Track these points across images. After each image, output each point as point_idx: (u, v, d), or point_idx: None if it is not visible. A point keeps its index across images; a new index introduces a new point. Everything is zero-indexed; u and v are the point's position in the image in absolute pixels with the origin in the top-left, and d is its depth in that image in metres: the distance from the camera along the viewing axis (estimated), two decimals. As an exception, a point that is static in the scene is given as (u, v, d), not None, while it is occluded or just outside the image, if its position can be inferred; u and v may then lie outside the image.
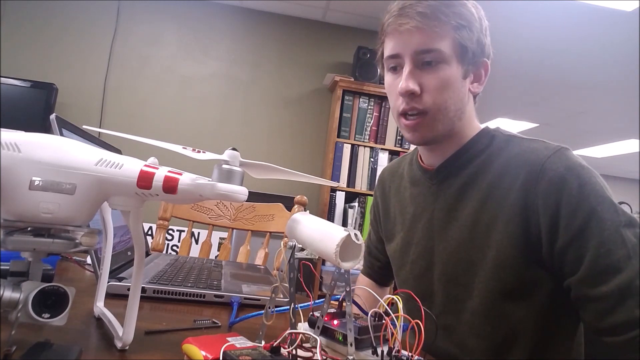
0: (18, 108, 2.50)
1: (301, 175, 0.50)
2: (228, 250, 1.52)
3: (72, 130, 0.71)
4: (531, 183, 0.67)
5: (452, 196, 0.77)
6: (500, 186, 0.71)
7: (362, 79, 2.79)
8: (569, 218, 0.64)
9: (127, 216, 0.44)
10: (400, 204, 0.90)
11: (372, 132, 2.83)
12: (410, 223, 0.85)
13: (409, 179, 0.88)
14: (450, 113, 0.73)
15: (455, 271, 0.74)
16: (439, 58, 0.70)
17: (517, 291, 0.69)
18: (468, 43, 0.71)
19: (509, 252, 0.68)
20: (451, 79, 0.72)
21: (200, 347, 0.42)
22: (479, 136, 0.78)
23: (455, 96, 0.73)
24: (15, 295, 0.38)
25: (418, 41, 0.70)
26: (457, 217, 0.75)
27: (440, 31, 0.69)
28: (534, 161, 0.68)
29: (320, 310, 0.46)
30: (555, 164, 0.66)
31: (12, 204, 0.38)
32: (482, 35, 0.74)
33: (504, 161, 0.72)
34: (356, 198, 2.76)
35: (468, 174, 0.76)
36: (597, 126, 4.79)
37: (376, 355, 0.43)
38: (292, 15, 3.13)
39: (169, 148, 0.43)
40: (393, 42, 0.74)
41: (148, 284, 0.73)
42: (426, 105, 0.72)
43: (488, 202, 0.72)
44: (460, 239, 0.74)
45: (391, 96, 0.77)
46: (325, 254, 0.43)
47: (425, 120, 0.73)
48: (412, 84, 0.71)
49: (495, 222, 0.70)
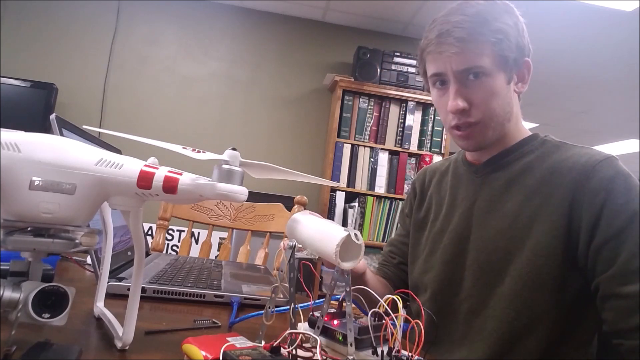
0: (18, 108, 2.50)
1: (301, 175, 0.50)
2: (228, 250, 1.52)
3: (72, 130, 0.71)
4: (581, 180, 0.70)
5: (497, 188, 0.80)
6: (550, 183, 0.74)
7: (362, 79, 2.79)
8: (611, 217, 0.66)
9: (127, 216, 0.44)
10: (438, 195, 0.92)
11: (372, 132, 2.83)
12: (447, 211, 0.87)
13: (452, 174, 0.91)
14: (500, 119, 0.77)
15: (490, 258, 0.76)
16: (482, 72, 0.73)
17: (549, 283, 0.71)
18: (508, 53, 0.74)
19: (549, 242, 0.70)
20: (496, 88, 0.75)
21: (200, 347, 0.42)
22: (531, 138, 0.82)
23: (503, 102, 0.76)
24: (15, 295, 0.38)
25: (459, 62, 0.73)
26: (500, 208, 0.78)
27: (479, 51, 0.72)
28: (586, 162, 0.71)
29: (320, 310, 0.46)
30: (606, 167, 0.70)
31: (12, 204, 0.38)
32: (521, 38, 0.76)
33: (555, 161, 0.76)
34: (356, 198, 2.76)
35: (516, 170, 0.79)
36: (597, 126, 4.79)
37: (376, 355, 0.43)
38: (292, 15, 3.13)
39: (169, 148, 0.43)
40: (435, 63, 0.77)
41: (148, 284, 0.73)
42: (477, 117, 0.75)
43: (535, 196, 0.74)
44: (500, 228, 0.76)
45: (441, 111, 0.81)
46: (325, 254, 0.43)
47: (477, 129, 0.77)
48: (460, 102, 0.74)
49: (539, 214, 0.73)
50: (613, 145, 5.44)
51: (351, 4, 2.87)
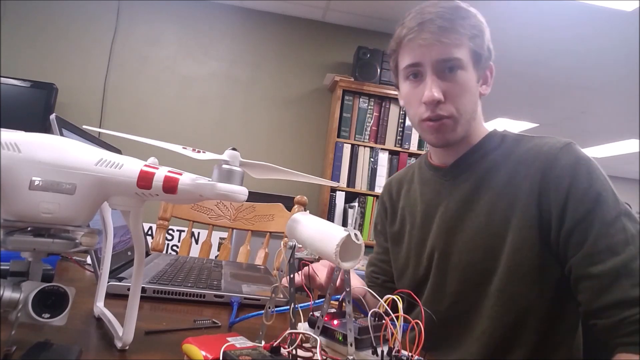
0: (18, 108, 2.50)
1: (301, 175, 0.50)
2: (228, 250, 1.52)
3: (72, 130, 0.71)
4: (545, 170, 0.72)
5: (467, 189, 0.80)
6: (517, 176, 0.75)
7: (362, 79, 2.79)
8: (577, 202, 0.69)
9: (127, 216, 0.44)
10: (410, 206, 0.92)
11: (372, 132, 2.83)
12: (422, 220, 0.87)
13: (419, 181, 0.91)
14: (468, 116, 0.79)
15: (473, 258, 0.77)
16: (459, 66, 0.75)
17: (531, 274, 0.72)
18: (481, 50, 0.77)
19: (527, 235, 0.72)
20: (469, 84, 0.77)
21: (200, 347, 0.42)
22: (491, 135, 0.84)
23: (472, 100, 0.79)
24: (15, 295, 0.38)
25: (439, 52, 0.74)
26: (473, 208, 0.79)
27: (458, 42, 0.75)
28: (548, 151, 0.73)
29: (320, 310, 0.46)
30: (567, 153, 0.72)
31: (12, 204, 0.38)
32: (489, 41, 0.80)
33: (519, 155, 0.77)
34: (356, 198, 2.76)
35: (483, 169, 0.80)
36: (597, 126, 4.80)
37: (376, 355, 0.43)
38: (292, 15, 3.13)
39: (169, 148, 0.43)
40: (413, 52, 0.77)
41: (148, 284, 0.73)
42: (449, 111, 0.76)
43: (505, 191, 0.76)
44: (477, 227, 0.77)
45: (411, 104, 0.81)
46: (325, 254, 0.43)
47: (448, 123, 0.77)
48: (437, 93, 0.74)
49: (513, 208, 0.74)
50: (613, 145, 5.44)
51: (351, 4, 2.87)
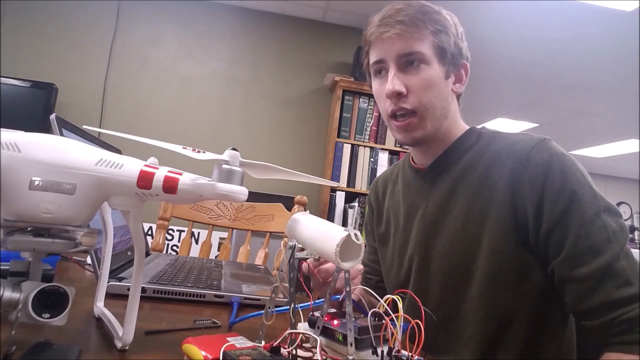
0: (18, 108, 2.50)
1: (301, 175, 0.50)
2: (228, 250, 1.52)
3: (72, 130, 0.71)
4: (518, 170, 0.71)
5: (445, 191, 0.80)
6: (491, 176, 0.74)
7: (362, 79, 2.78)
8: (552, 202, 0.67)
9: (127, 216, 0.44)
10: (394, 207, 0.92)
11: (372, 132, 2.83)
12: (405, 222, 0.87)
13: (402, 182, 0.91)
14: (437, 112, 0.78)
15: (452, 262, 0.76)
16: (421, 59, 0.76)
17: (511, 277, 0.71)
18: (446, 45, 0.77)
19: (502, 238, 0.71)
20: (434, 78, 0.77)
21: (200, 347, 0.42)
22: (466, 134, 0.83)
23: (440, 95, 0.78)
24: (15, 295, 0.38)
25: (400, 46, 0.76)
26: (450, 210, 0.78)
27: (419, 36, 0.75)
28: (520, 150, 0.72)
29: (320, 310, 0.46)
30: (540, 152, 0.70)
31: (12, 204, 0.38)
32: (459, 40, 0.80)
33: (492, 154, 0.76)
34: (356, 198, 2.76)
35: (459, 170, 0.79)
36: (597, 126, 4.79)
37: (376, 355, 0.43)
38: (292, 15, 3.13)
39: (169, 148, 0.43)
40: (377, 49, 0.79)
41: (148, 284, 0.73)
42: (413, 104, 0.76)
43: (480, 192, 0.75)
44: (455, 231, 0.76)
45: (380, 100, 0.82)
46: (325, 254, 0.43)
47: (415, 120, 0.77)
48: (397, 85, 0.75)
49: (488, 210, 0.73)
50: (613, 145, 5.44)
51: (351, 4, 2.87)
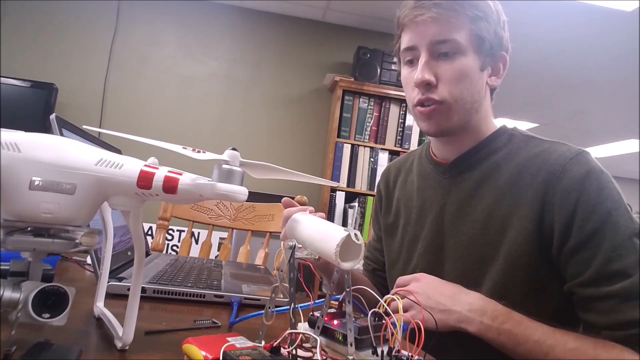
0: (18, 108, 2.50)
1: (301, 175, 0.50)
2: (228, 250, 1.52)
3: (72, 130, 0.71)
4: (551, 181, 0.67)
5: (466, 191, 0.76)
6: (519, 183, 0.70)
7: (362, 79, 2.79)
8: (584, 219, 0.63)
9: (127, 216, 0.44)
10: (405, 197, 0.88)
11: (372, 132, 2.83)
12: (417, 216, 0.83)
13: (417, 172, 0.87)
14: (467, 104, 0.73)
15: (465, 267, 0.74)
16: (455, 48, 0.70)
17: (527, 289, 0.68)
18: (485, 34, 0.71)
19: (523, 249, 0.68)
20: (468, 69, 0.71)
21: (200, 347, 0.42)
22: (497, 133, 0.78)
23: (472, 87, 0.72)
24: (15, 295, 0.38)
25: (434, 32, 0.70)
26: (470, 212, 0.75)
27: (456, 21, 0.69)
28: (556, 161, 0.68)
29: (320, 310, 0.46)
30: (577, 165, 0.66)
31: (12, 204, 0.38)
32: (500, 29, 0.74)
33: (524, 159, 0.72)
34: (356, 198, 2.76)
35: (485, 170, 0.75)
36: (597, 126, 4.79)
37: (376, 355, 0.43)
38: (292, 15, 3.13)
39: (169, 148, 0.43)
40: (409, 34, 0.73)
41: (148, 284, 0.72)
42: (442, 95, 0.71)
43: (504, 198, 0.71)
44: (473, 235, 0.73)
45: (407, 88, 0.77)
46: (325, 254, 0.43)
47: (441, 109, 0.72)
48: (427, 75, 0.70)
49: (511, 218, 0.69)
50: (613, 145, 5.44)
51: (351, 4, 2.87)
